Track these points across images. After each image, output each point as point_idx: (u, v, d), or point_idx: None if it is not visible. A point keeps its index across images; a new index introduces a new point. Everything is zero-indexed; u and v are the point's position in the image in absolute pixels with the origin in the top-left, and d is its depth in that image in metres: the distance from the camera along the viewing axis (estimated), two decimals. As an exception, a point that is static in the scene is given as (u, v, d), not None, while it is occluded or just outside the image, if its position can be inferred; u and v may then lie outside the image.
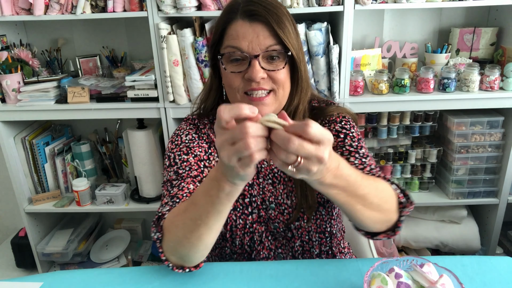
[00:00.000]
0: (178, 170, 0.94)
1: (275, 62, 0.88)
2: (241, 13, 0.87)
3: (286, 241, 1.01)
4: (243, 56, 0.87)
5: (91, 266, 2.04)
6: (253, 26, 0.86)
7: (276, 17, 0.86)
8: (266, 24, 0.86)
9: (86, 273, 0.92)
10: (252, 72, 0.85)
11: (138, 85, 1.71)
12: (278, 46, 0.87)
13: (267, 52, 0.86)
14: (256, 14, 0.86)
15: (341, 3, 1.58)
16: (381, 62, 1.85)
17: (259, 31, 0.86)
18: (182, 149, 0.98)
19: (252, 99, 0.89)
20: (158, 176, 1.94)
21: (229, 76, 0.89)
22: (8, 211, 2.35)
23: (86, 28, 1.96)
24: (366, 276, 0.73)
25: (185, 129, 1.03)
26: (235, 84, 0.89)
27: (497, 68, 1.67)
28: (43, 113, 1.78)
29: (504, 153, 1.82)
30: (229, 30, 0.88)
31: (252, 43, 0.85)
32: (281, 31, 0.86)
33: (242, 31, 0.86)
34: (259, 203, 0.99)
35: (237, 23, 0.87)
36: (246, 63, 0.87)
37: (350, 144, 0.98)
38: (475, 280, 0.83)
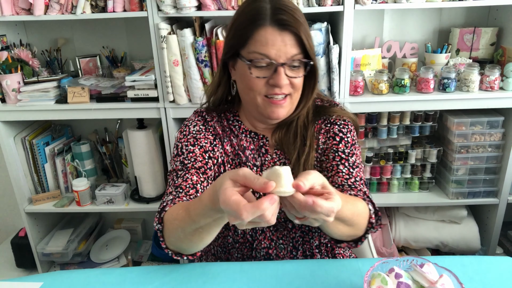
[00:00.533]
0: (184, 161, 0.98)
1: (296, 69, 0.93)
2: (272, 20, 0.89)
3: (287, 232, 1.04)
4: (269, 63, 0.90)
5: (91, 266, 2.04)
6: (282, 34, 0.89)
7: (303, 28, 0.90)
8: (294, 34, 0.89)
9: (86, 273, 0.92)
10: (279, 80, 0.90)
11: (138, 85, 1.71)
12: (301, 55, 0.91)
13: (292, 60, 0.90)
14: (287, 24, 0.88)
15: (341, 3, 1.58)
16: (381, 62, 1.85)
17: (287, 40, 0.89)
18: (190, 139, 1.01)
19: (272, 102, 0.94)
20: (158, 176, 1.94)
21: (252, 79, 0.92)
22: (8, 211, 2.35)
23: (86, 28, 1.96)
24: (366, 276, 0.73)
25: (193, 120, 1.07)
26: (257, 88, 0.93)
27: (497, 68, 1.67)
28: (43, 113, 1.78)
29: (504, 153, 1.82)
30: (257, 36, 0.90)
31: (280, 51, 0.89)
32: (308, 42, 0.90)
33: (271, 39, 0.89)
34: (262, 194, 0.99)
35: (267, 30, 0.89)
36: (271, 69, 0.91)
37: (343, 150, 1.02)
38: (475, 280, 0.83)
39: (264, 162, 1.04)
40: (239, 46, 0.93)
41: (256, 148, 1.05)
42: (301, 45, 0.91)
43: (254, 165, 1.04)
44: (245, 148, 1.05)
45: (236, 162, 1.04)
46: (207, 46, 1.61)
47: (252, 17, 0.91)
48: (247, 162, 1.03)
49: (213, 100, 1.07)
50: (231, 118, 1.08)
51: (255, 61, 0.90)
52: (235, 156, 1.04)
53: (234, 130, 1.06)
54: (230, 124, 1.07)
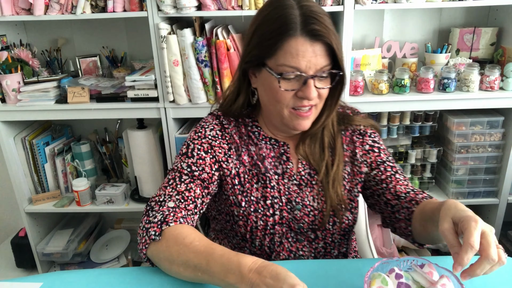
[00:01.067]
0: (192, 166, 0.94)
1: (324, 80, 0.90)
2: (303, 31, 0.84)
3: (308, 242, 1.02)
4: (298, 75, 0.86)
5: (91, 266, 2.04)
6: (313, 45, 0.84)
7: (335, 37, 0.86)
8: (325, 44, 0.86)
9: (86, 273, 0.92)
10: (309, 93, 0.86)
11: (138, 85, 1.71)
12: (330, 66, 0.88)
13: (321, 71, 0.87)
14: (319, 34, 0.84)
15: (341, 3, 1.58)
16: (381, 62, 1.85)
17: (318, 51, 0.85)
18: (204, 144, 0.97)
19: (299, 114, 0.91)
20: (158, 176, 1.94)
21: (280, 92, 0.88)
22: (8, 211, 2.35)
23: (86, 28, 1.96)
24: (366, 277, 0.73)
25: (210, 122, 1.02)
26: (285, 100, 0.89)
27: (497, 68, 1.67)
28: (43, 113, 1.78)
29: (504, 153, 1.82)
30: (287, 47, 0.85)
31: (310, 63, 0.85)
32: (339, 52, 0.87)
33: (302, 50, 0.84)
34: (282, 204, 0.98)
35: (297, 41, 0.84)
36: (300, 81, 0.87)
37: (387, 159, 1.03)
38: (475, 280, 0.82)
39: (286, 170, 1.00)
40: (266, 56, 0.88)
41: (277, 156, 1.01)
42: (331, 54, 0.87)
43: (275, 173, 0.99)
44: (264, 158, 1.00)
45: (253, 172, 0.99)
46: (207, 46, 1.61)
47: (281, 26, 0.85)
48: (266, 173, 0.99)
49: (235, 109, 1.01)
50: (250, 124, 1.03)
51: (285, 75, 0.86)
52: (252, 166, 1.00)
53: (253, 137, 1.02)
54: (249, 131, 1.02)
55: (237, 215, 0.98)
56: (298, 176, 1.00)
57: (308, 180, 1.00)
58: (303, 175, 1.00)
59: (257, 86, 0.96)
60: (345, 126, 1.04)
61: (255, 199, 0.98)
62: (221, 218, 1.06)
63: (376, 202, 1.04)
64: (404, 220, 0.96)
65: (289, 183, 0.99)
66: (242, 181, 0.99)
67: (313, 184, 1.00)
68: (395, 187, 0.99)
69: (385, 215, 1.03)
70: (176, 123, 1.80)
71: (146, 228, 0.84)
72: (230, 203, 1.00)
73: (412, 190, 0.98)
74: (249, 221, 0.97)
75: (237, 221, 0.99)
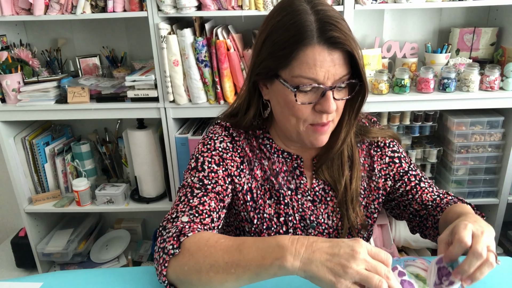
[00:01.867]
0: (204, 180, 0.88)
1: (342, 90, 0.83)
2: (321, 38, 0.76)
3: None
4: (316, 86, 0.79)
5: (91, 266, 2.04)
6: (332, 54, 0.77)
7: (355, 44, 0.78)
8: (344, 52, 0.78)
9: (86, 273, 0.91)
10: (329, 106, 0.79)
11: (138, 85, 1.71)
12: (349, 75, 0.80)
13: (340, 81, 0.80)
14: (339, 42, 0.76)
15: (341, 3, 1.58)
16: (381, 62, 1.84)
17: (336, 60, 0.77)
18: (215, 157, 0.91)
19: (318, 130, 0.84)
20: (158, 176, 1.94)
21: (296, 106, 0.81)
22: (8, 211, 2.35)
23: (86, 28, 1.96)
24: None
25: (220, 134, 0.95)
26: (303, 115, 0.82)
27: (497, 68, 1.67)
28: (43, 113, 1.78)
29: (504, 153, 1.82)
30: (303, 57, 0.77)
31: (328, 73, 0.77)
32: (360, 60, 0.79)
33: (320, 60, 0.76)
34: (296, 222, 0.95)
35: (314, 50, 0.76)
36: (318, 93, 0.80)
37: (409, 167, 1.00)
38: (475, 280, 0.83)
39: (300, 186, 0.95)
40: (279, 68, 0.80)
41: (290, 170, 0.95)
42: (349, 63, 0.80)
43: (288, 188, 0.94)
44: (277, 174, 0.94)
45: (266, 187, 0.94)
46: (207, 46, 1.61)
47: (296, 34, 0.77)
48: (280, 190, 0.93)
49: (245, 122, 0.93)
50: (261, 136, 0.96)
51: (302, 87, 0.79)
52: (265, 181, 0.94)
53: (265, 150, 0.95)
54: (260, 144, 0.96)
55: (248, 231, 0.95)
56: (312, 192, 0.95)
57: (323, 196, 0.96)
58: (317, 191, 0.95)
59: (270, 98, 0.89)
60: (361, 138, 0.98)
61: (268, 216, 0.94)
62: (230, 231, 1.02)
63: (402, 212, 1.02)
64: (432, 228, 0.94)
65: (303, 199, 0.95)
66: (255, 197, 0.94)
67: (327, 200, 0.96)
68: (421, 196, 0.96)
69: (413, 224, 1.01)
70: (176, 123, 1.80)
71: (162, 248, 0.75)
72: (242, 218, 0.96)
73: (438, 196, 0.97)
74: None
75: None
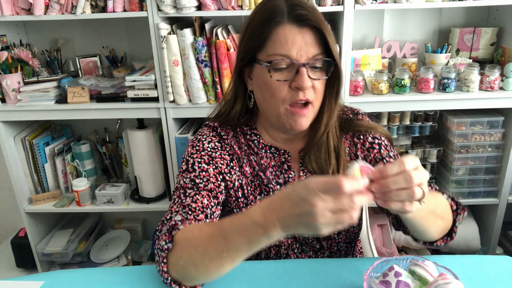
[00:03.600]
0: (195, 179, 0.90)
1: (318, 71, 0.86)
2: (290, 17, 0.82)
3: (314, 253, 1.00)
4: (290, 64, 0.83)
5: (91, 266, 2.04)
6: (302, 32, 0.82)
7: (323, 24, 0.83)
8: (314, 31, 0.82)
9: (86, 273, 0.92)
10: (302, 82, 0.82)
11: (138, 85, 1.71)
12: (323, 55, 0.84)
13: (314, 59, 0.83)
14: (306, 19, 0.81)
15: (341, 3, 1.58)
16: (381, 62, 1.85)
17: (307, 38, 0.82)
18: (204, 157, 0.93)
19: (295, 112, 0.86)
20: (158, 176, 1.94)
21: (273, 84, 0.84)
22: (8, 211, 2.35)
23: (86, 28, 1.96)
24: (366, 275, 0.73)
25: (207, 135, 0.98)
26: (281, 94, 0.85)
27: (497, 68, 1.67)
28: (43, 113, 1.78)
29: (504, 153, 1.82)
30: (275, 35, 0.83)
31: (301, 50, 0.82)
32: (330, 38, 0.83)
33: (291, 37, 0.81)
34: None
35: (285, 28, 0.82)
36: (292, 71, 0.83)
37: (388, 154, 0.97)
38: (474, 280, 0.83)
39: (288, 180, 0.97)
40: (256, 49, 0.86)
41: (278, 165, 0.97)
42: (322, 44, 0.83)
43: (277, 183, 0.96)
44: (266, 168, 0.96)
45: (256, 183, 0.96)
46: (207, 46, 1.61)
47: (268, 16, 0.84)
48: (269, 184, 0.95)
49: (232, 116, 0.96)
50: (248, 132, 0.99)
51: (275, 62, 0.83)
52: (254, 177, 0.96)
53: (253, 146, 0.98)
54: (248, 140, 0.98)
55: None
56: None
57: None
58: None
59: (253, 87, 0.93)
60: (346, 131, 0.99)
61: None
62: None
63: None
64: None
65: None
66: (246, 193, 0.96)
67: None
68: None
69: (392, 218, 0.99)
70: (176, 123, 1.81)
71: (158, 247, 0.78)
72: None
73: None
74: None
75: None
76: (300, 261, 0.94)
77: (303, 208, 0.60)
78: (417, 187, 0.64)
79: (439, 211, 0.83)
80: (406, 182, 0.63)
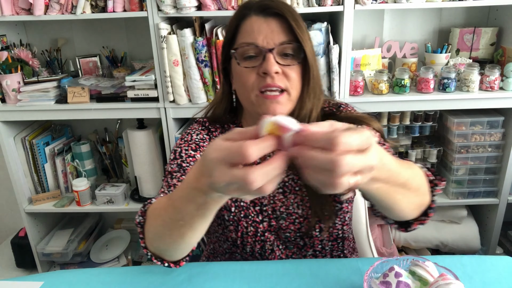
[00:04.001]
0: (182, 163, 0.92)
1: (289, 58, 0.87)
2: (255, 8, 0.87)
3: (298, 250, 1.00)
4: (257, 51, 0.85)
5: (91, 266, 2.04)
6: (267, 21, 0.85)
7: (290, 14, 0.85)
8: (281, 20, 0.85)
9: (86, 273, 0.92)
10: (268, 65, 0.83)
11: (138, 85, 1.71)
12: (292, 44, 0.85)
13: (282, 46, 0.85)
14: (271, 8, 0.85)
15: (341, 3, 1.58)
16: (381, 62, 1.85)
17: (274, 26, 0.85)
18: (191, 145, 0.96)
19: (267, 97, 0.85)
20: (158, 176, 1.94)
21: (243, 72, 0.87)
22: (8, 211, 2.35)
23: (86, 28, 1.96)
24: (366, 276, 0.73)
25: (197, 129, 1.01)
26: (249, 81, 0.86)
27: (497, 68, 1.67)
28: (43, 113, 1.78)
29: (504, 153, 1.82)
30: (243, 27, 0.88)
31: (267, 38, 0.84)
32: (296, 26, 0.85)
33: (257, 26, 0.85)
34: (270, 212, 0.97)
35: (251, 19, 0.87)
36: (260, 58, 0.85)
37: None
38: (474, 280, 0.83)
39: None
40: (230, 45, 0.90)
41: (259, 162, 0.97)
42: (290, 32, 0.85)
43: None
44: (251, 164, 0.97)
45: None
46: (207, 46, 1.61)
47: (238, 11, 0.90)
48: None
49: (218, 113, 1.00)
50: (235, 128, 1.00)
51: (241, 50, 0.86)
52: None
53: None
54: None
55: (228, 219, 0.96)
56: (281, 183, 0.96)
57: (292, 187, 0.97)
58: (287, 182, 0.96)
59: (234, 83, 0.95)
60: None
61: (245, 205, 0.96)
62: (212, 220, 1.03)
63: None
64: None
65: (274, 191, 0.96)
66: None
67: (296, 190, 0.96)
68: None
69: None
70: (176, 123, 1.81)
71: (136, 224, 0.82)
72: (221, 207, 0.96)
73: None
74: (240, 226, 0.96)
75: (228, 226, 0.97)
76: (300, 261, 0.94)
77: (207, 180, 0.55)
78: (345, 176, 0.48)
79: (413, 183, 0.72)
80: (329, 164, 0.47)
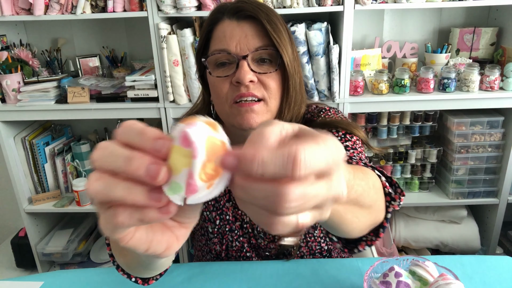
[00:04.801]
0: None
1: (265, 65, 0.79)
2: (228, 11, 0.79)
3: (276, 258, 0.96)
4: (230, 59, 0.78)
5: (91, 266, 2.04)
6: (241, 25, 0.78)
7: (266, 16, 0.77)
8: (256, 23, 0.78)
9: (86, 273, 0.92)
10: (241, 74, 0.75)
11: (138, 85, 1.71)
12: (268, 49, 0.78)
13: (257, 52, 0.77)
14: (244, 10, 0.78)
15: (341, 3, 1.58)
16: (381, 62, 1.85)
17: (247, 31, 0.77)
18: None
19: (242, 105, 0.77)
20: (158, 176, 1.93)
21: (216, 82, 0.79)
22: (8, 211, 2.35)
23: (86, 28, 1.96)
24: (366, 276, 0.73)
25: None
26: (223, 91, 0.78)
27: (497, 68, 1.67)
28: (43, 113, 1.78)
29: (504, 153, 1.82)
30: (215, 32, 0.80)
31: (240, 43, 0.77)
32: (272, 29, 0.77)
33: (229, 31, 0.78)
34: (250, 230, 0.94)
35: (224, 23, 0.79)
36: (233, 66, 0.78)
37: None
38: (474, 280, 0.83)
39: None
40: (203, 52, 0.83)
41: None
42: (266, 36, 0.77)
43: None
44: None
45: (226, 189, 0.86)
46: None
47: (211, 16, 0.82)
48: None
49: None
50: None
51: (212, 58, 0.79)
52: None
53: None
54: None
55: (212, 231, 0.94)
56: None
57: None
58: None
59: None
60: None
61: (231, 219, 0.92)
62: (195, 230, 0.99)
63: None
64: None
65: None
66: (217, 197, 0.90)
67: None
68: None
69: None
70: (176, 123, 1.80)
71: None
72: (204, 218, 0.94)
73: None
74: (225, 239, 0.93)
75: (212, 238, 0.94)
76: (300, 261, 0.94)
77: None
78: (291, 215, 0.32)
79: (367, 199, 0.55)
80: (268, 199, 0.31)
